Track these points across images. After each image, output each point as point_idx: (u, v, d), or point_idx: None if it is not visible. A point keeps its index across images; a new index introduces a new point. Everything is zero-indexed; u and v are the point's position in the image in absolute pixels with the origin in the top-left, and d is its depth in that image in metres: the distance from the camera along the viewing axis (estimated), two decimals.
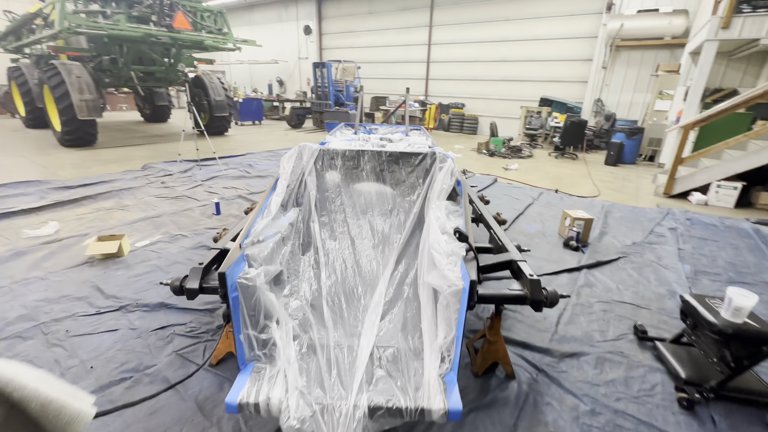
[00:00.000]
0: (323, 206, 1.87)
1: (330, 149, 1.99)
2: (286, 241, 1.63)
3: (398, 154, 2.01)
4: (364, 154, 1.98)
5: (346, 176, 1.95)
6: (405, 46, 14.32)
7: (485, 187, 5.94)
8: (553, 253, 3.70)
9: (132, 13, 7.59)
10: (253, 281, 1.16)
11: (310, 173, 1.92)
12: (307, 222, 1.80)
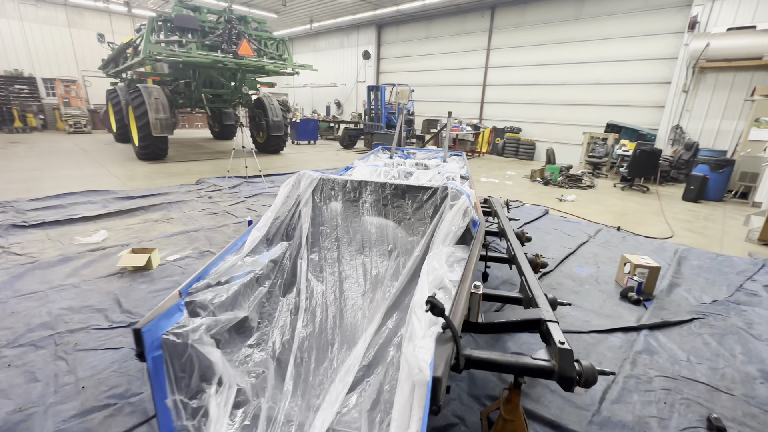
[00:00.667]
0: (316, 242, 1.69)
1: (330, 178, 1.82)
2: (263, 281, 1.45)
3: (404, 187, 1.77)
4: (366, 186, 1.77)
5: (345, 209, 1.76)
6: (461, 70, 14.15)
7: (533, 220, 5.40)
8: (606, 306, 3.14)
9: (205, 42, 8.35)
10: (185, 336, 0.99)
11: (306, 204, 1.76)
12: (294, 259, 1.62)
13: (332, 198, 1.78)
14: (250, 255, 1.47)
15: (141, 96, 8.59)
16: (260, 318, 1.39)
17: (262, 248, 1.56)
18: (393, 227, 1.71)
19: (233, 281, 1.31)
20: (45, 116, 15.69)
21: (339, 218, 1.73)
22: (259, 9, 15.12)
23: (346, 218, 1.73)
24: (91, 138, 13.47)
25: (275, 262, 1.54)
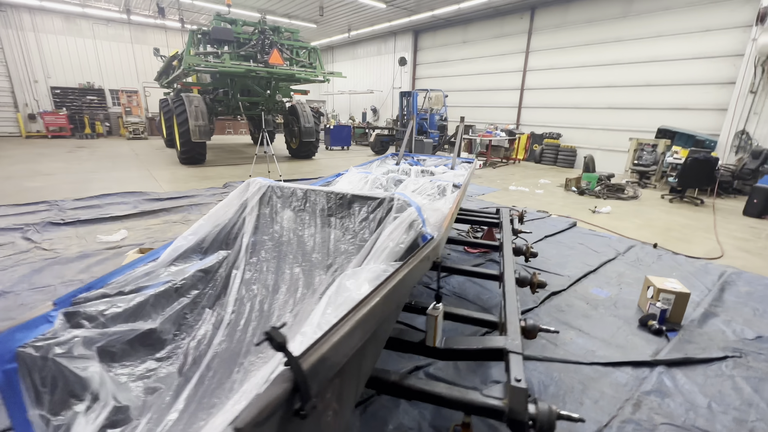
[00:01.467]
0: (256, 252, 1.62)
1: (279, 186, 1.75)
2: (187, 291, 1.40)
3: (351, 197, 1.65)
4: (314, 195, 1.68)
5: (291, 219, 1.67)
6: (497, 74, 13.66)
7: (555, 233, 4.98)
8: (619, 334, 2.77)
9: (240, 52, 8.76)
10: (45, 349, 0.95)
11: (252, 212, 1.70)
12: (230, 269, 1.56)
13: (279, 207, 1.70)
14: (177, 263, 1.43)
15: (183, 104, 9.19)
16: (178, 330, 1.34)
17: (195, 257, 1.52)
18: (335, 240, 1.60)
19: (144, 291, 1.28)
20: (110, 124, 17.38)
21: (283, 228, 1.65)
22: (299, 20, 15.69)
23: (290, 229, 1.65)
24: (146, 144, 14.65)
25: (206, 271, 1.50)
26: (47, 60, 15.70)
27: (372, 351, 1.47)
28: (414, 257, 1.36)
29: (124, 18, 15.93)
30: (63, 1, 14.32)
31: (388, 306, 1.15)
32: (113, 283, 1.20)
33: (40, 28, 15.30)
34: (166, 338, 1.30)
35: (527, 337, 1.95)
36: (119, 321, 1.15)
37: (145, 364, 1.21)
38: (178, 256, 1.43)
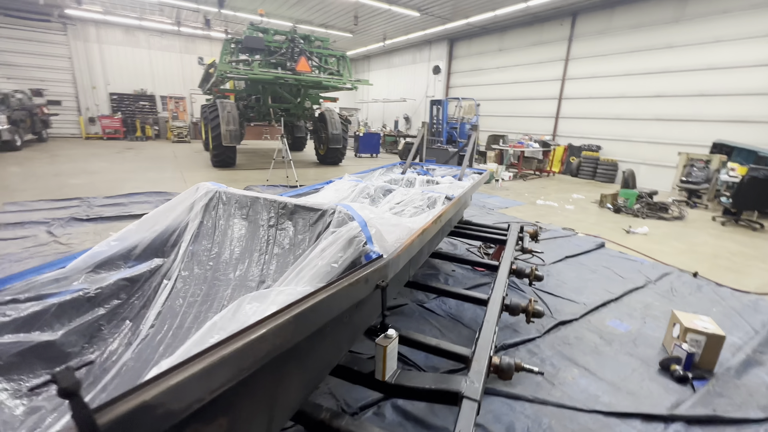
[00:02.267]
0: (193, 262, 1.50)
1: (227, 192, 1.63)
2: (103, 301, 1.30)
3: (292, 207, 1.49)
4: (258, 203, 1.54)
5: (233, 228, 1.54)
6: (534, 82, 13.09)
7: (578, 254, 4.54)
8: (633, 378, 2.38)
9: (270, 60, 9.01)
10: None
11: (195, 218, 1.59)
12: (162, 278, 1.46)
13: (223, 214, 1.58)
14: (99, 271, 1.34)
15: (217, 110, 9.57)
16: (88, 343, 1.24)
17: (123, 264, 1.43)
18: (272, 254, 1.44)
19: (47, 299, 1.19)
20: (159, 127, 18.61)
21: (224, 238, 1.53)
22: (335, 30, 16.02)
23: (231, 238, 1.52)
24: (188, 147, 15.48)
25: (132, 280, 1.40)
26: (107, 68, 17.15)
27: (297, 381, 1.29)
28: (342, 280, 1.17)
29: (175, 29, 17.09)
30: (123, 15, 15.61)
31: (289, 335, 0.97)
32: (7, 290, 1.13)
33: (103, 40, 16.76)
34: (71, 351, 1.21)
35: (502, 378, 1.70)
36: (7, 331, 1.07)
37: (40, 379, 1.12)
38: (98, 263, 1.35)
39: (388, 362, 1.51)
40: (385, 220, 1.52)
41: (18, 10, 14.67)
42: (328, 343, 1.39)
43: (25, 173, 8.19)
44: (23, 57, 15.35)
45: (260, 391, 1.12)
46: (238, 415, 1.04)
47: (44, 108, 15.00)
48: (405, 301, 3.19)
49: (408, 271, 2.35)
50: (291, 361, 1.24)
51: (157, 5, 14.10)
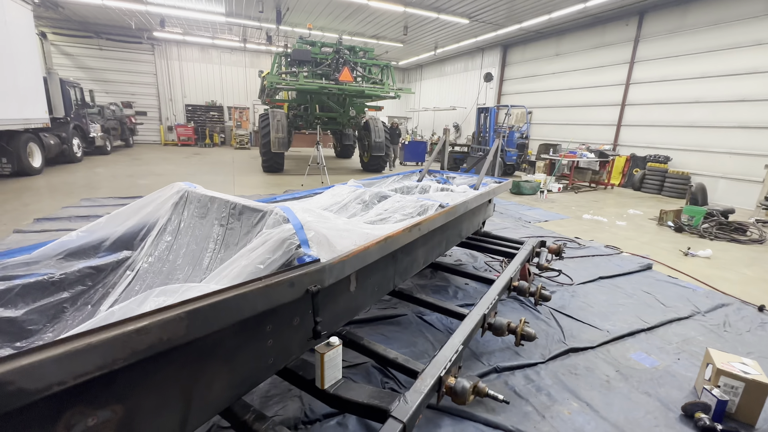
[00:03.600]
0: (155, 255, 1.59)
1: (195, 192, 1.70)
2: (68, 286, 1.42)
3: (241, 207, 1.51)
4: (215, 202, 1.59)
5: (194, 226, 1.61)
6: (593, 88, 12.15)
7: (616, 275, 4.07)
8: (643, 422, 2.06)
9: (317, 71, 9.44)
10: None
11: (164, 215, 1.68)
12: (125, 269, 1.56)
13: (187, 213, 1.66)
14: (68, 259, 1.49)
15: (268, 118, 10.23)
16: (49, 323, 1.38)
17: (91, 252, 1.56)
18: (215, 252, 1.48)
19: (13, 280, 1.34)
20: (225, 135, 20.36)
21: (184, 234, 1.60)
22: (386, 40, 16.35)
23: (190, 235, 1.59)
24: (247, 153, 16.69)
25: (98, 269, 1.52)
26: (185, 82, 19.20)
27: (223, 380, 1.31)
28: (257, 281, 1.17)
29: (242, 46, 18.66)
30: (199, 35, 17.43)
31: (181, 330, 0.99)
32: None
33: (182, 58, 18.83)
34: (32, 329, 1.34)
35: (456, 402, 1.57)
36: None
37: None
38: (69, 252, 1.50)
39: (328, 371, 1.47)
40: (332, 225, 1.49)
41: (117, 35, 17.07)
42: (266, 344, 1.39)
43: (107, 174, 9.42)
44: (118, 74, 17.77)
45: (171, 384, 1.15)
46: (140, 404, 1.07)
47: (132, 118, 17.18)
48: (405, 311, 3.10)
49: (392, 280, 2.29)
50: (211, 359, 1.26)
51: (227, 25, 15.52)
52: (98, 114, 13.69)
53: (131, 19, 15.15)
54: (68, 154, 10.62)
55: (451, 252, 4.55)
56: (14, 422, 0.82)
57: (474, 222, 3.62)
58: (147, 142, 19.06)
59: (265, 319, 1.37)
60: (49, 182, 8.00)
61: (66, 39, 16.44)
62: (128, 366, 0.96)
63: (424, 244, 2.57)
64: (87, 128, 11.98)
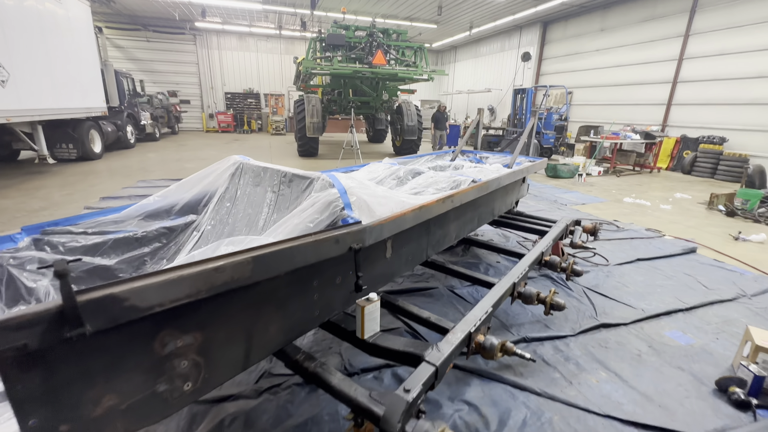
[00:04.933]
0: (216, 218, 1.80)
1: (248, 163, 1.90)
2: (148, 242, 1.67)
3: (291, 175, 1.67)
4: (269, 172, 1.77)
5: (251, 192, 1.80)
6: (642, 65, 11.38)
7: (656, 257, 3.97)
8: (674, 393, 2.08)
9: (350, 55, 9.52)
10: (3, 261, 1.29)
11: (223, 184, 1.89)
12: (192, 230, 1.79)
13: (243, 181, 1.86)
14: (148, 219, 1.73)
15: (303, 104, 10.50)
16: (134, 271, 1.62)
17: (164, 215, 1.80)
18: (269, 215, 1.66)
19: (107, 235, 1.59)
20: (262, 121, 21.03)
21: (244, 199, 1.80)
22: (420, 22, 16.05)
23: (248, 200, 1.78)
24: (283, 139, 17.21)
25: (171, 229, 1.76)
26: (224, 71, 19.93)
27: (278, 324, 1.50)
28: (309, 235, 1.34)
29: (277, 33, 19.02)
30: (237, 24, 17.94)
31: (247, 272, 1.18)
32: (81, 224, 1.55)
33: (222, 47, 19.51)
34: (122, 276, 1.60)
35: (484, 356, 1.69)
36: (77, 253, 1.49)
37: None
38: (147, 213, 1.74)
39: (367, 323, 1.64)
40: (372, 192, 1.63)
41: (162, 26, 17.94)
42: (312, 297, 1.57)
43: (157, 158, 10.14)
44: (164, 65, 18.74)
45: (236, 321, 1.35)
46: (213, 335, 1.28)
47: (177, 106, 18.16)
48: (437, 285, 3.23)
49: (425, 250, 2.41)
50: (269, 305, 1.45)
51: (263, 12, 15.86)
52: (148, 103, 14.60)
53: (175, 10, 15.86)
54: (123, 141, 11.49)
55: (483, 232, 4.59)
56: (128, 333, 1.04)
57: (507, 201, 3.65)
58: (190, 129, 20.09)
59: (313, 275, 1.55)
60: (108, 166, 8.75)
61: (118, 32, 17.50)
62: (207, 299, 1.17)
63: (456, 218, 2.67)
64: (138, 116, 12.85)
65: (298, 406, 1.89)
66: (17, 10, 6.66)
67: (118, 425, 1.09)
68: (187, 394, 1.23)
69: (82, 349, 0.95)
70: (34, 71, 7.06)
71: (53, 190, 6.22)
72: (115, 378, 1.05)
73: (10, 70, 6.39)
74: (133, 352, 1.08)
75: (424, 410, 1.30)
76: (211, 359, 1.28)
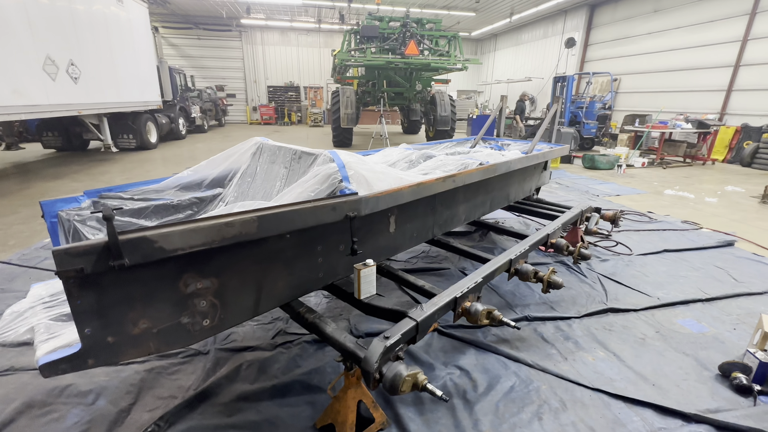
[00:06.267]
0: (239, 191, 2.07)
1: (266, 143, 2.13)
2: (182, 210, 1.97)
3: (300, 153, 1.88)
4: (283, 150, 1.99)
5: (267, 169, 2.04)
6: (698, 48, 10.48)
7: (686, 249, 3.81)
8: (672, 375, 2.10)
9: (384, 46, 9.65)
10: (69, 215, 1.62)
11: (245, 162, 2.15)
12: (218, 202, 2.06)
13: (262, 159, 2.10)
14: (182, 190, 2.03)
15: (338, 96, 10.81)
16: None
17: (196, 188, 2.09)
18: (281, 188, 1.87)
19: (150, 201, 1.90)
20: (301, 114, 21.77)
21: (258, 175, 2.05)
22: (457, 10, 15.77)
23: (265, 175, 2.02)
24: (320, 130, 17.73)
25: (201, 199, 2.04)
26: (267, 65, 20.81)
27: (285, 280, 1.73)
28: (308, 201, 1.55)
29: (316, 27, 19.50)
30: (279, 19, 18.63)
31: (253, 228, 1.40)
32: (130, 191, 1.87)
33: (265, 42, 20.36)
34: None
35: (469, 321, 1.83)
36: (125, 216, 1.80)
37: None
38: (180, 185, 2.04)
39: (363, 285, 1.83)
40: (370, 168, 1.80)
41: (211, 24, 19.04)
42: (317, 261, 1.79)
43: (205, 148, 10.94)
44: (212, 60, 19.91)
45: (248, 273, 1.60)
46: (228, 282, 1.54)
47: (223, 100, 19.28)
48: (449, 266, 3.36)
49: (431, 229, 2.56)
50: (277, 263, 1.68)
51: (303, 7, 16.35)
52: (198, 97, 15.66)
53: (222, 8, 16.77)
54: (175, 132, 12.48)
55: (504, 219, 4.61)
56: (158, 270, 1.31)
57: (524, 187, 3.67)
58: (235, 121, 21.25)
59: (317, 240, 1.76)
60: (162, 155, 9.60)
61: (172, 31, 18.83)
62: (222, 250, 1.42)
63: (465, 200, 2.78)
64: (189, 109, 13.85)
65: (306, 359, 2.14)
66: (87, 14, 7.47)
67: (151, 345, 1.38)
68: (207, 329, 1.50)
69: (125, 278, 1.23)
70: (100, 69, 7.90)
71: (115, 175, 7.00)
72: (149, 306, 1.33)
73: (81, 68, 7.22)
74: (163, 288, 1.35)
75: (401, 357, 1.48)
76: (226, 302, 1.54)
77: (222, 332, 2.11)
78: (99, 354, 1.23)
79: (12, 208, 4.93)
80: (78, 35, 7.16)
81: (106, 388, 1.88)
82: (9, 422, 1.67)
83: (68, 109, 7.01)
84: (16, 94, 5.67)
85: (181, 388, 1.91)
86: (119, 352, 1.26)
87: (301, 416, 1.76)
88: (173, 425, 1.68)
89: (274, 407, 1.81)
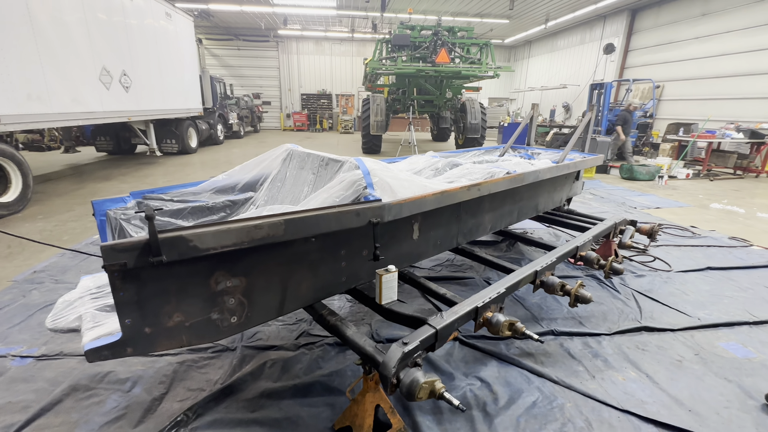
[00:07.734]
0: (269, 194, 2.15)
1: (296, 150, 2.21)
2: (216, 212, 2.07)
3: (327, 159, 1.93)
4: (311, 157, 2.06)
5: (297, 174, 2.11)
6: (751, 53, 9.81)
7: (732, 267, 3.55)
8: (712, 402, 1.96)
9: (415, 55, 9.74)
10: (116, 214, 1.75)
11: (276, 167, 2.24)
12: (250, 204, 2.15)
13: (291, 165, 2.18)
14: (217, 193, 2.14)
15: (368, 103, 10.99)
16: None
17: (230, 191, 2.20)
18: (308, 192, 1.93)
19: (187, 203, 2.02)
20: (332, 121, 22.27)
21: (287, 180, 2.13)
22: (491, 18, 15.65)
23: (294, 180, 2.10)
24: (350, 137, 18.04)
25: (234, 202, 2.15)
26: (301, 74, 21.50)
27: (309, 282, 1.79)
28: (333, 207, 1.60)
29: (350, 36, 19.96)
30: (314, 29, 19.24)
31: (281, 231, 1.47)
32: (170, 193, 2.01)
33: (300, 51, 21.07)
34: None
35: (490, 331, 1.81)
36: (164, 216, 1.93)
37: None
38: (215, 189, 2.16)
39: (385, 290, 1.85)
40: (394, 175, 1.83)
41: (250, 35, 19.96)
42: (340, 265, 1.84)
43: (240, 153, 11.42)
44: (250, 69, 20.83)
45: (274, 274, 1.67)
46: (255, 282, 1.61)
47: (259, 107, 20.08)
48: (473, 275, 3.32)
49: (455, 237, 2.55)
50: (302, 266, 1.74)
51: (337, 17, 16.81)
52: (235, 104, 16.41)
53: (261, 20, 17.55)
54: (214, 137, 13.12)
55: (533, 230, 4.50)
56: (192, 268, 1.39)
57: (555, 197, 3.57)
58: (270, 128, 22.05)
59: (341, 245, 1.81)
60: (201, 159, 10.12)
61: (214, 42, 19.90)
62: (250, 251, 1.49)
63: (491, 210, 2.75)
64: (227, 116, 14.54)
65: (328, 361, 2.18)
66: (139, 28, 8.07)
67: (183, 337, 1.46)
68: (234, 326, 1.58)
69: (162, 274, 1.32)
70: (149, 78, 8.48)
71: (158, 178, 7.45)
72: (183, 301, 1.42)
73: (132, 77, 7.79)
74: (196, 284, 1.44)
75: (420, 363, 1.48)
76: (253, 301, 1.61)
77: (248, 330, 2.21)
78: (137, 343, 1.32)
79: (67, 206, 5.37)
80: (130, 47, 7.74)
81: (141, 377, 2.01)
82: (56, 403, 1.82)
83: (119, 116, 7.57)
84: (75, 102, 6.20)
85: (209, 381, 2.00)
86: (155, 342, 1.35)
87: (320, 417, 1.79)
88: (200, 417, 1.77)
89: (296, 406, 1.86)
